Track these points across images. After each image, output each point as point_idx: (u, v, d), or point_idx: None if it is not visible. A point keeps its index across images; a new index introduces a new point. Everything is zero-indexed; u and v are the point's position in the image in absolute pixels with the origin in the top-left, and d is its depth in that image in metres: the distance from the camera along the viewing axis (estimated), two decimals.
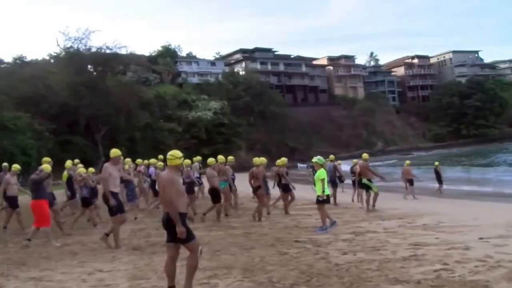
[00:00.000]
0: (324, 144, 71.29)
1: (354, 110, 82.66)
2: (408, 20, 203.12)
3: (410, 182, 18.60)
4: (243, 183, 14.95)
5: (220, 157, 13.65)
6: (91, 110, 46.65)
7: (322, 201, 9.87)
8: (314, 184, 10.34)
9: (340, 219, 11.19)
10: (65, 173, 13.34)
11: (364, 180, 13.72)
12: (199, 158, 16.97)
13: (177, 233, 5.09)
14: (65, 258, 7.88)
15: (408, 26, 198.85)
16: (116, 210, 8.39)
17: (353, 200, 16.30)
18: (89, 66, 49.59)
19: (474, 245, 7.46)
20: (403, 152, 73.68)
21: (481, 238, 8.02)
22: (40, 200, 9.23)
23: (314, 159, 10.31)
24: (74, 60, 48.89)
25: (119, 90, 51.20)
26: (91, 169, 13.78)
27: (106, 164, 8.61)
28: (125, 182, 12.50)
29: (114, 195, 8.44)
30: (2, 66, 52.34)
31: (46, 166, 9.86)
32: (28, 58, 58.50)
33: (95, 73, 51.65)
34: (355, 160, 18.32)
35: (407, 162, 20.54)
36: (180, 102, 63.09)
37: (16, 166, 11.72)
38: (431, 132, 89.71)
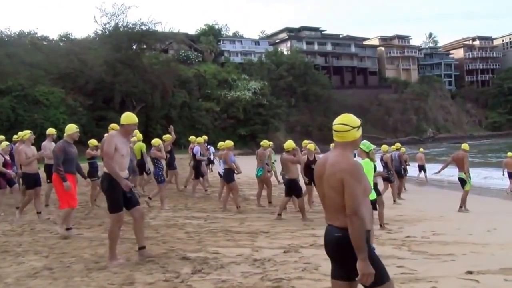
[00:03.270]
0: (370, 128, 68.24)
1: (405, 93, 78.53)
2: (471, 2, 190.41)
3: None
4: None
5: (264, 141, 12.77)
6: (127, 87, 46.57)
7: None
8: None
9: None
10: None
11: (461, 175, 11.74)
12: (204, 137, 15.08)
13: (356, 269, 2.82)
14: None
15: (470, 9, 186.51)
16: (115, 206, 5.55)
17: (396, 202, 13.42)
18: (125, 43, 49.28)
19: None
20: (455, 140, 69.19)
21: (469, 272, 5.37)
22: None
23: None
24: (111, 37, 48.91)
25: (156, 67, 50.94)
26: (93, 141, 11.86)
27: (113, 133, 5.87)
28: (154, 161, 10.84)
29: (112, 179, 5.52)
30: (45, 42, 53.16)
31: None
32: (75, 36, 59.45)
33: (131, 50, 51.38)
34: (385, 147, 14.01)
35: (509, 153, 16.83)
36: (220, 81, 62.04)
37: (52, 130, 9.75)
38: (488, 119, 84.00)
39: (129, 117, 5.73)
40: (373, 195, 6.45)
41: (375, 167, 7.23)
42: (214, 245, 6.59)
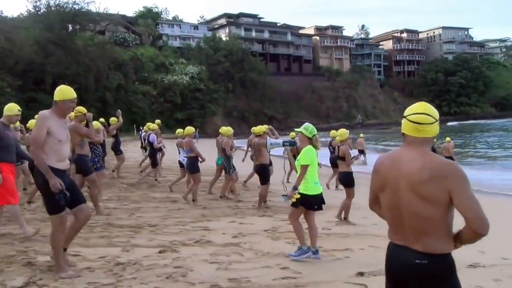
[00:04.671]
0: (304, 115, 71.02)
1: (338, 82, 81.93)
2: None
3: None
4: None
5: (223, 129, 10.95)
6: (59, 68, 45.51)
7: (307, 205, 5.58)
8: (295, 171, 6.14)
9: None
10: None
11: None
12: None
13: None
14: None
15: (401, 4, 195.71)
16: (55, 205, 4.34)
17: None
18: (58, 23, 48.03)
19: None
20: (382, 126, 73.69)
21: (360, 274, 4.90)
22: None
23: (299, 129, 5.78)
24: (43, 16, 47.59)
25: (91, 49, 50.12)
26: (32, 122, 11.44)
27: (45, 113, 4.39)
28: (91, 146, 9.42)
29: (51, 172, 4.26)
30: None
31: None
32: (6, 15, 56.76)
33: (65, 30, 50.17)
34: (334, 132, 13.40)
35: (448, 138, 17.45)
36: (157, 65, 61.92)
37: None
38: None
39: (63, 92, 4.46)
40: (319, 188, 5.61)
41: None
42: (80, 244, 5.50)
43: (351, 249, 5.97)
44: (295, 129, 6.18)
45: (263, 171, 9.35)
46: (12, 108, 5.96)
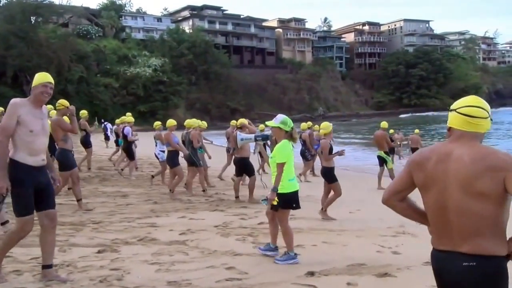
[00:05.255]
0: (267, 107, 72.58)
1: (300, 74, 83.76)
2: None
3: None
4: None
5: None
6: (20, 61, 45.82)
7: (284, 205, 5.11)
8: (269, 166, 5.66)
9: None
10: None
11: (380, 153, 11.95)
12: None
13: None
14: None
15: None
16: (21, 205, 4.01)
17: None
18: (19, 14, 48.06)
19: None
20: (343, 118, 75.92)
21: (311, 274, 4.70)
22: None
23: (276, 123, 5.12)
24: (3, 7, 47.56)
25: (53, 41, 50.32)
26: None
27: (17, 101, 3.99)
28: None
29: (17, 167, 3.95)
30: None
31: None
32: None
33: (27, 22, 50.19)
34: (304, 124, 13.97)
35: (416, 131, 18.40)
36: (120, 57, 62.30)
37: None
38: (374, 99, 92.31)
39: (36, 77, 4.12)
40: (295, 185, 5.16)
41: None
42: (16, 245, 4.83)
43: (302, 246, 5.70)
44: (267, 123, 5.42)
45: (245, 166, 9.14)
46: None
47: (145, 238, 5.95)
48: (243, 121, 9.84)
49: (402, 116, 71.12)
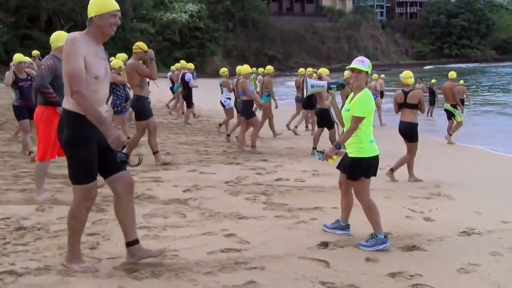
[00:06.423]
0: (305, 56, 70.49)
1: (339, 22, 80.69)
2: None
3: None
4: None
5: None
6: (54, 5, 44.36)
7: (363, 172, 4.08)
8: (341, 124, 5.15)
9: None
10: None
11: (447, 106, 11.42)
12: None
13: None
14: None
15: None
16: (82, 170, 3.34)
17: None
18: None
19: None
20: (382, 67, 73.11)
21: (324, 245, 3.96)
22: None
23: (359, 65, 4.02)
24: None
25: None
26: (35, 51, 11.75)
27: (76, 36, 3.13)
28: (112, 88, 8.61)
29: (79, 123, 3.11)
30: None
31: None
32: None
33: None
34: (301, 70, 12.83)
35: (461, 82, 16.72)
36: (156, 2, 60.31)
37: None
38: (414, 49, 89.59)
39: (100, 3, 3.23)
40: (376, 149, 4.14)
41: None
42: None
43: (321, 208, 4.91)
44: (349, 67, 4.09)
45: (327, 117, 8.44)
46: (64, 37, 4.61)
47: (142, 196, 5.15)
48: (325, 70, 9.16)
49: (426, 67, 68.85)
